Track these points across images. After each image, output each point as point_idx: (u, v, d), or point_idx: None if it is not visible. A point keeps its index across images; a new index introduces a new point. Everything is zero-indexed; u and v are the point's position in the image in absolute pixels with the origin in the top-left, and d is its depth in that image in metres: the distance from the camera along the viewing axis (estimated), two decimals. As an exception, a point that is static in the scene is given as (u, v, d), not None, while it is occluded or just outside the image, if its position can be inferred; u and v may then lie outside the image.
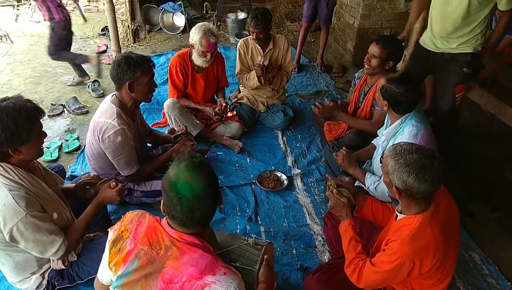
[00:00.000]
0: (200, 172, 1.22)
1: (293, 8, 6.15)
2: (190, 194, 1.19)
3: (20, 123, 1.57)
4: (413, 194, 1.47)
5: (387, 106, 2.13)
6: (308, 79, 4.54)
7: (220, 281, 1.19)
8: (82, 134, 3.40)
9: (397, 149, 1.53)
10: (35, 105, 1.67)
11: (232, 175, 3.00)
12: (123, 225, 1.34)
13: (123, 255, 1.28)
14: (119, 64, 2.16)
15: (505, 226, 2.59)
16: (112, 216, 2.50)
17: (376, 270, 1.54)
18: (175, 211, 1.21)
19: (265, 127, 3.61)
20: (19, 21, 5.85)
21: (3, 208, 1.58)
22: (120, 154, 2.28)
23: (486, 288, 2.21)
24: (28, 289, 1.90)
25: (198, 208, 1.20)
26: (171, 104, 3.12)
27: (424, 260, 1.46)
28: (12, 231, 1.60)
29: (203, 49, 3.01)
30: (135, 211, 1.40)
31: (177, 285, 1.20)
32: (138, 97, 2.28)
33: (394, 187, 1.51)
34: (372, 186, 2.20)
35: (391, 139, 2.18)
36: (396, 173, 1.47)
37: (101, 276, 1.39)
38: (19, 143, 1.60)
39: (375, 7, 4.50)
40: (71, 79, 4.25)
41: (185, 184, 1.19)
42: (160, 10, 5.49)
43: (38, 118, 1.68)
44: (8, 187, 1.60)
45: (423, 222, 1.49)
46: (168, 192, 1.21)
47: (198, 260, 1.22)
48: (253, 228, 2.54)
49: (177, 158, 1.27)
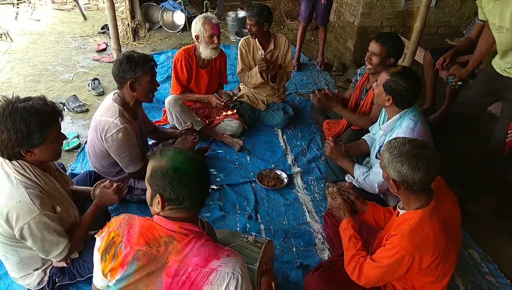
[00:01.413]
0: (187, 153, 1.33)
1: (293, 7, 6.14)
2: (195, 170, 1.27)
3: (31, 127, 1.56)
4: (409, 185, 1.48)
5: (390, 101, 2.10)
6: (308, 77, 4.55)
7: (225, 263, 1.22)
8: (82, 132, 3.40)
9: (391, 143, 1.56)
10: (53, 108, 1.65)
11: (232, 173, 3.00)
12: (112, 231, 1.31)
13: (119, 259, 1.26)
14: (121, 63, 2.16)
15: (505, 225, 2.59)
16: (112, 214, 2.50)
17: (376, 266, 1.55)
18: (184, 192, 1.24)
19: (265, 125, 3.61)
20: (19, 19, 5.84)
21: (18, 205, 1.58)
22: (124, 152, 2.29)
23: (485, 286, 2.22)
24: (29, 285, 1.91)
25: (204, 180, 1.30)
26: (172, 101, 3.12)
27: (423, 255, 1.47)
28: (23, 229, 1.61)
29: (208, 33, 3.02)
30: (120, 215, 1.37)
31: (183, 276, 1.21)
32: (139, 96, 2.28)
33: (391, 180, 1.52)
34: (361, 177, 2.21)
35: (388, 134, 2.18)
36: (391, 164, 1.50)
37: (96, 282, 1.38)
38: (31, 145, 1.60)
39: (375, 5, 4.50)
40: (71, 77, 4.24)
41: (186, 164, 1.26)
42: (160, 8, 5.48)
43: (55, 122, 1.66)
44: (24, 184, 1.61)
45: (423, 217, 1.50)
46: (172, 178, 1.23)
47: (200, 249, 1.23)
48: (253, 226, 2.55)
49: (154, 155, 1.31)
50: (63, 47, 5.09)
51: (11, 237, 1.68)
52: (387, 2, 4.49)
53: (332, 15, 5.46)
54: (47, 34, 5.45)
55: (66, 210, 1.78)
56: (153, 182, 1.26)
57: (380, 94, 2.14)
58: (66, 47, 5.11)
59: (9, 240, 1.71)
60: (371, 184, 2.16)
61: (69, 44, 5.20)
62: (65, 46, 5.13)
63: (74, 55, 4.89)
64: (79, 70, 4.52)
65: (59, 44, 5.18)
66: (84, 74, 4.43)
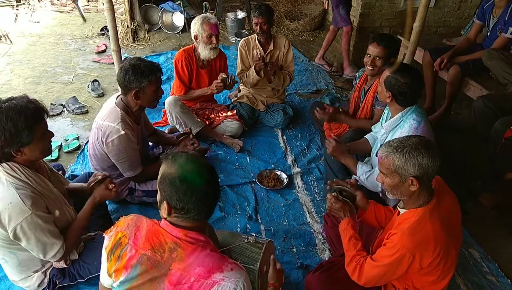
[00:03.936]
0: (199, 161, 1.29)
1: (293, 7, 6.15)
2: (203, 181, 1.23)
3: (19, 125, 1.55)
4: (428, 177, 1.47)
5: (390, 98, 2.11)
6: (308, 78, 4.54)
7: (228, 277, 1.19)
8: (82, 133, 3.40)
9: (391, 144, 1.53)
10: (37, 105, 1.64)
11: (232, 174, 3.00)
12: (119, 231, 1.31)
13: (124, 262, 1.26)
14: (126, 72, 2.14)
15: (505, 224, 2.59)
16: (113, 215, 2.51)
17: (376, 265, 1.55)
18: (190, 204, 1.21)
19: (265, 126, 3.61)
20: (19, 21, 5.84)
21: (9, 206, 1.58)
22: (124, 157, 2.29)
23: (486, 285, 2.22)
24: (29, 287, 1.90)
25: (211, 192, 1.25)
26: (172, 102, 3.12)
27: (424, 253, 1.46)
28: (15, 230, 1.61)
29: (207, 33, 3.02)
30: (129, 215, 1.37)
31: (185, 285, 1.19)
32: (143, 104, 2.28)
33: (411, 178, 1.47)
34: (364, 176, 2.21)
35: (390, 132, 2.18)
36: (409, 162, 1.46)
37: (102, 280, 1.38)
38: (20, 144, 1.59)
39: (374, 6, 4.51)
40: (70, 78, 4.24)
41: (195, 174, 1.22)
42: (159, 10, 5.49)
43: (41, 119, 1.65)
44: (14, 185, 1.61)
45: (424, 215, 1.50)
46: (178, 188, 1.20)
47: (204, 259, 1.22)
48: (253, 226, 2.55)
49: (166, 159, 1.28)
50: (62, 49, 5.09)
51: (7, 240, 1.68)
52: (386, 3, 4.51)
53: (331, 16, 5.46)
54: (47, 36, 5.45)
55: (60, 210, 1.77)
56: (162, 188, 1.25)
57: (382, 91, 2.16)
58: (66, 49, 5.11)
59: (5, 243, 1.70)
60: (374, 183, 2.16)
61: (68, 46, 5.20)
62: (65, 48, 5.13)
63: (74, 56, 4.89)
64: (79, 71, 4.53)
65: (58, 46, 5.18)
66: (84, 76, 4.43)
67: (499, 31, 3.26)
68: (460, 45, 3.57)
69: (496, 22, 3.31)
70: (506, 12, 3.19)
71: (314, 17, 5.68)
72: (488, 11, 3.39)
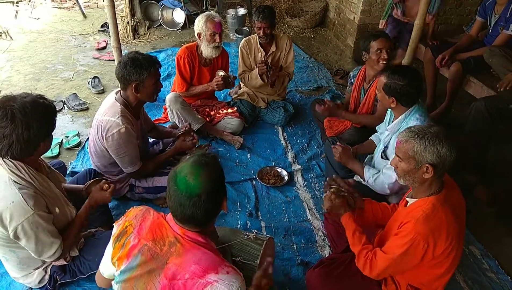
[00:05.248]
0: (202, 172, 1.22)
1: (293, 4, 6.13)
2: (184, 189, 1.20)
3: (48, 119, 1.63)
4: (444, 166, 1.48)
5: (395, 102, 2.10)
6: (309, 75, 4.54)
7: (222, 280, 1.19)
8: (83, 130, 3.40)
9: (412, 130, 1.54)
10: (49, 101, 1.68)
11: (233, 171, 3.01)
12: (127, 220, 1.35)
13: (127, 250, 1.28)
14: (126, 65, 2.14)
15: (505, 221, 2.59)
16: (113, 212, 2.51)
17: (388, 257, 1.54)
18: (170, 201, 1.24)
19: (266, 123, 3.61)
20: (19, 18, 5.82)
21: (11, 206, 1.58)
22: (123, 152, 2.29)
23: (486, 282, 2.23)
24: (30, 283, 1.91)
25: (188, 206, 1.20)
26: (173, 98, 3.11)
27: (438, 241, 1.47)
28: (16, 229, 1.61)
29: (210, 31, 3.01)
30: (139, 206, 1.40)
31: (179, 282, 1.20)
32: (143, 97, 2.28)
33: (427, 165, 1.48)
34: (371, 179, 2.21)
35: (394, 134, 2.18)
36: (428, 148, 1.47)
37: (103, 269, 1.39)
38: (42, 138, 1.64)
39: (375, 2, 4.50)
40: (71, 75, 4.24)
41: (183, 179, 1.21)
42: (159, 6, 5.47)
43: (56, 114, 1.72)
44: (18, 185, 1.60)
45: (436, 203, 1.51)
46: (170, 181, 1.24)
47: (201, 258, 1.22)
48: (254, 223, 2.55)
49: (191, 154, 1.30)
50: (63, 46, 5.08)
51: (7, 238, 1.68)
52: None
53: (332, 12, 5.46)
54: (47, 33, 5.44)
55: (62, 209, 1.78)
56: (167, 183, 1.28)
57: (383, 98, 2.15)
58: (66, 45, 5.10)
59: (5, 242, 1.71)
60: (381, 185, 2.16)
61: (69, 42, 5.19)
62: (65, 44, 5.12)
63: (74, 53, 4.88)
64: (79, 68, 4.52)
65: (59, 42, 5.17)
66: (84, 72, 4.42)
67: (500, 28, 3.26)
68: (461, 42, 3.56)
69: (497, 19, 3.31)
70: (508, 9, 3.18)
71: (315, 14, 5.66)
72: (489, 8, 3.39)
